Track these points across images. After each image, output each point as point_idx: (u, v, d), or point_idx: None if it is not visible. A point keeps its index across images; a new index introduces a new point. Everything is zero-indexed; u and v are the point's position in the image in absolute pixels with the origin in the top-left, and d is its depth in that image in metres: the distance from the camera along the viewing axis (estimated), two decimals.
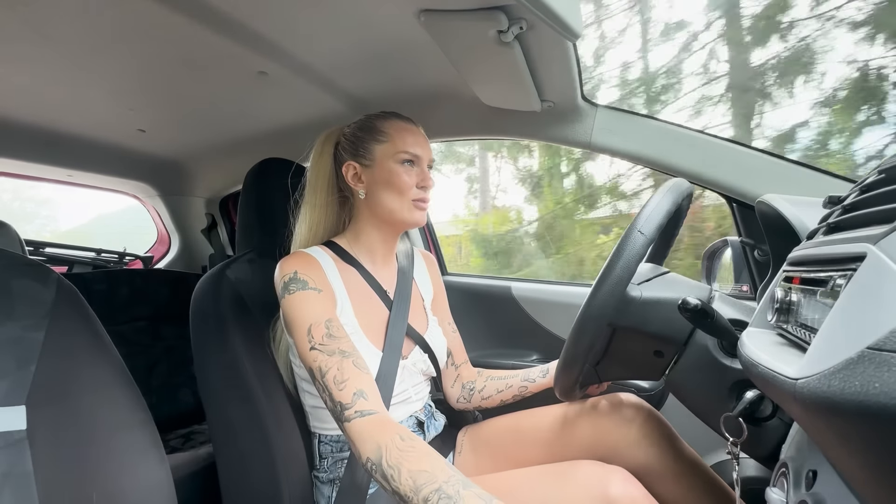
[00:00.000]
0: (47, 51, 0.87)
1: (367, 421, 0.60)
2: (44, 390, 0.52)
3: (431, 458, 0.55)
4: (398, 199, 0.80)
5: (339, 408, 0.62)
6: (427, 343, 0.87)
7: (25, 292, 0.55)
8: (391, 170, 0.80)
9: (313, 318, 0.69)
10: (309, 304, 0.71)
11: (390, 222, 0.84)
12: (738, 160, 0.94)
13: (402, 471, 0.54)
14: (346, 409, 0.61)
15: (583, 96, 1.02)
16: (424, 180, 0.82)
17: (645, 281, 0.70)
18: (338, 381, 0.64)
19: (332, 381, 0.64)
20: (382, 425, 0.59)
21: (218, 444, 0.84)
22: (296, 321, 0.70)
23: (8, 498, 0.46)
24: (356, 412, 0.61)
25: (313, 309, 0.70)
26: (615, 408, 0.81)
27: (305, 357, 0.67)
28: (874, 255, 0.30)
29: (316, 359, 0.66)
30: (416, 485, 0.52)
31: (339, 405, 0.62)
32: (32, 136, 1.27)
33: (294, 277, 0.73)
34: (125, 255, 1.88)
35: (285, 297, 0.72)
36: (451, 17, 0.72)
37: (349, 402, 0.62)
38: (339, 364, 0.65)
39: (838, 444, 0.29)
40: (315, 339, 0.67)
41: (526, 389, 0.92)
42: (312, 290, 0.72)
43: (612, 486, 0.61)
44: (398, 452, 0.56)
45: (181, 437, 1.34)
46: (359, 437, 0.59)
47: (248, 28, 0.82)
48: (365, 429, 0.59)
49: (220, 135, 1.39)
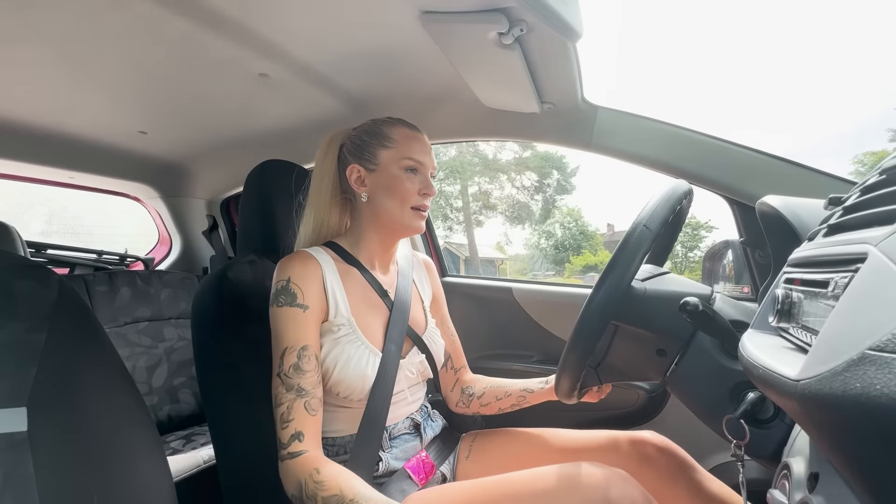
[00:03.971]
0: (49, 53, 0.87)
1: (294, 462, 0.67)
2: (45, 392, 0.52)
3: (343, 482, 0.63)
4: (399, 204, 0.81)
5: (278, 444, 0.69)
6: (425, 343, 0.87)
7: (26, 294, 0.55)
8: (395, 175, 0.81)
9: (289, 342, 0.73)
10: (290, 324, 0.73)
11: (390, 227, 0.84)
12: (739, 161, 0.94)
13: (317, 500, 0.63)
14: (281, 449, 0.69)
15: (583, 98, 1.02)
16: (427, 188, 0.83)
17: (650, 277, 0.70)
18: (283, 419, 0.70)
19: (280, 417, 0.70)
20: (304, 463, 0.67)
21: (218, 445, 0.84)
22: (275, 337, 0.74)
23: (9, 500, 0.46)
24: (288, 453, 0.68)
25: (293, 331, 0.73)
26: (634, 445, 0.81)
27: (272, 378, 0.72)
28: (875, 256, 0.30)
29: (276, 387, 0.71)
30: None
31: (279, 441, 0.69)
32: (34, 138, 1.27)
33: (285, 287, 0.74)
34: (126, 256, 1.89)
35: (273, 307, 0.75)
36: (451, 18, 0.72)
37: (285, 443, 0.68)
38: (291, 403, 0.70)
39: (840, 445, 0.28)
40: (283, 367, 0.72)
41: (524, 399, 0.92)
42: (299, 307, 0.74)
43: (613, 487, 0.61)
44: (314, 484, 0.64)
45: (182, 438, 1.34)
46: (285, 476, 0.68)
47: (249, 30, 0.83)
48: (291, 469, 0.67)
49: (222, 136, 1.40)
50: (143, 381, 1.41)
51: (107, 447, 0.57)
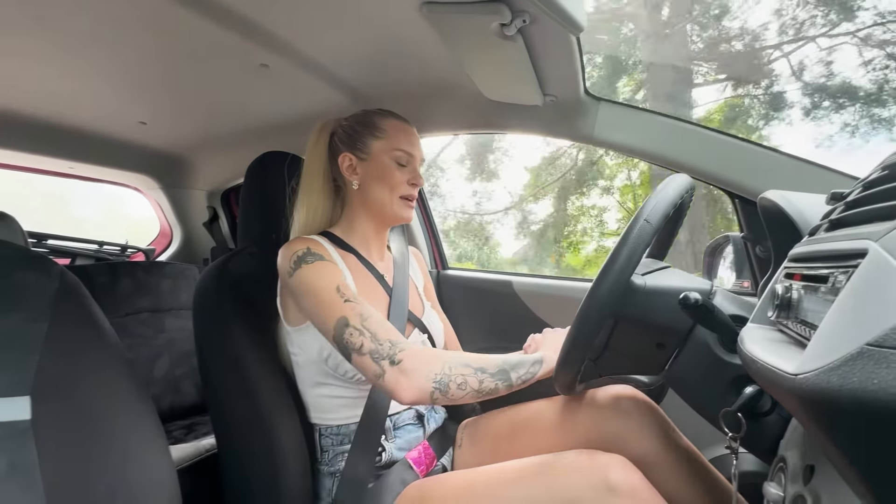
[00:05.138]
0: (48, 42, 0.87)
1: (419, 348, 0.69)
2: (47, 381, 0.52)
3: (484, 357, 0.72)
4: (388, 193, 0.84)
5: (389, 343, 0.67)
6: (424, 325, 0.89)
7: (28, 284, 0.55)
8: (385, 165, 0.84)
9: (339, 280, 0.73)
10: (330, 272, 0.74)
11: (380, 215, 0.87)
12: (741, 156, 0.94)
13: (476, 356, 0.70)
14: (398, 343, 0.67)
15: (585, 90, 1.02)
16: (415, 178, 0.87)
17: (650, 272, 0.70)
18: (383, 325, 0.69)
19: (377, 324, 0.69)
20: (426, 350, 0.70)
21: (220, 435, 0.84)
22: (320, 285, 0.72)
23: (14, 488, 0.47)
24: (398, 356, 0.66)
25: (336, 275, 0.74)
26: (613, 400, 0.81)
27: (339, 308, 0.70)
28: (876, 251, 0.30)
29: (354, 308, 0.70)
30: (499, 357, 0.72)
31: (387, 342, 0.67)
32: (34, 129, 1.27)
33: (308, 251, 0.75)
34: (127, 247, 1.89)
35: (301, 268, 0.73)
36: (453, 9, 0.72)
37: (398, 339, 0.68)
38: (378, 315, 0.71)
39: (836, 439, 0.29)
40: (348, 294, 0.71)
41: None
42: (329, 261, 0.76)
43: (612, 473, 0.61)
44: (456, 356, 0.70)
45: (183, 428, 1.35)
46: (422, 354, 0.67)
47: (250, 20, 0.82)
48: (422, 350, 0.69)
49: (222, 127, 1.39)
50: (144, 371, 1.42)
51: (109, 435, 0.57)
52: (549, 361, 0.76)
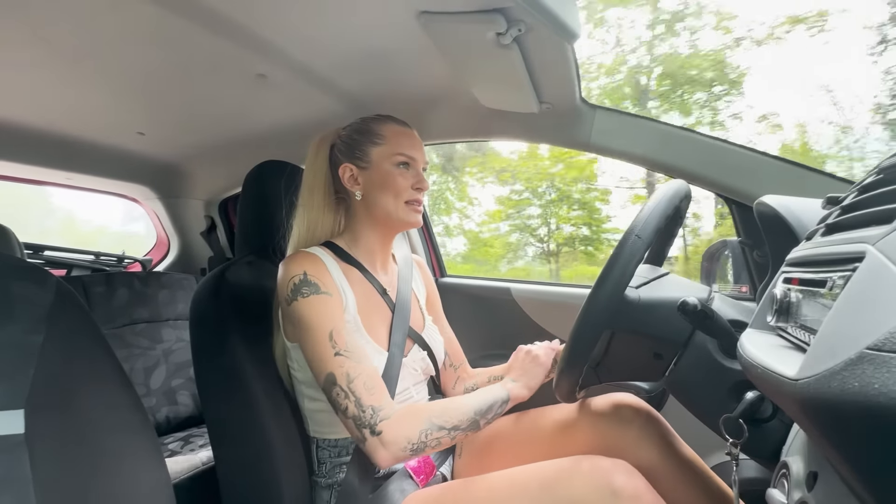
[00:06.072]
0: (46, 54, 0.87)
1: (399, 414, 0.68)
2: (42, 394, 0.52)
3: (463, 401, 0.74)
4: (394, 200, 0.82)
5: (371, 411, 0.67)
6: (425, 341, 0.88)
7: (24, 295, 0.55)
8: (388, 172, 0.82)
9: (333, 324, 0.71)
10: (326, 309, 0.72)
11: (387, 223, 0.85)
12: (737, 161, 0.94)
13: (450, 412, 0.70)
14: (379, 411, 0.67)
15: (581, 98, 1.02)
16: (419, 182, 0.84)
17: (644, 283, 0.70)
18: (368, 387, 0.68)
19: (363, 387, 0.68)
20: (409, 408, 0.70)
21: (217, 447, 0.83)
22: (314, 326, 0.71)
23: (7, 502, 0.46)
24: (386, 414, 0.67)
25: (331, 314, 0.72)
26: (614, 408, 0.81)
27: (328, 362, 0.69)
28: (873, 255, 0.30)
29: (342, 364, 0.69)
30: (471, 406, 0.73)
31: (369, 409, 0.67)
32: (31, 139, 1.27)
33: (305, 280, 0.73)
34: (124, 257, 1.88)
35: (297, 301, 0.72)
36: (449, 18, 0.72)
37: (381, 406, 0.68)
38: (366, 371, 0.70)
39: (838, 444, 0.29)
40: (339, 346, 0.70)
41: None
42: (325, 294, 0.74)
43: (616, 477, 0.61)
44: (440, 407, 0.71)
45: (180, 440, 1.34)
46: (400, 424, 0.67)
47: (247, 30, 0.82)
48: (401, 416, 0.68)
49: (220, 137, 1.39)
50: (140, 382, 1.41)
51: (104, 449, 0.56)
52: (515, 395, 0.80)
